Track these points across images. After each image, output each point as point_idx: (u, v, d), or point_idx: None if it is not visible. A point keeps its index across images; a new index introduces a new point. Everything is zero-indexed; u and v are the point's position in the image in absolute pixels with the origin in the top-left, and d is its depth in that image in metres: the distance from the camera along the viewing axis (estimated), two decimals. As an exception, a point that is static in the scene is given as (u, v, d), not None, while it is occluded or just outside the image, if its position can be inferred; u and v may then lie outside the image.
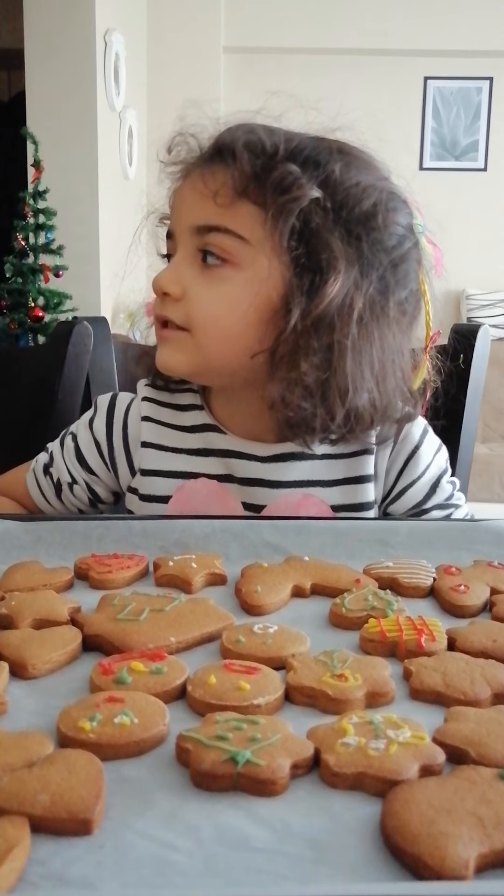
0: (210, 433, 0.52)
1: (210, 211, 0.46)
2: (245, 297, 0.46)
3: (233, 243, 0.45)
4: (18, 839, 0.19)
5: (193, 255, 0.47)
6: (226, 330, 0.47)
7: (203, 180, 0.46)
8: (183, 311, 0.47)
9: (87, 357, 0.73)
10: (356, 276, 0.45)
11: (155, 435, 0.53)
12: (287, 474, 0.51)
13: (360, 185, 0.46)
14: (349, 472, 0.51)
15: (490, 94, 2.82)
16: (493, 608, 0.35)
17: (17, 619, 0.32)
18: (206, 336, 0.47)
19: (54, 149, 2.01)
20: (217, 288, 0.46)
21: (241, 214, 0.45)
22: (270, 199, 0.45)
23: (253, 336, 0.46)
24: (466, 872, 0.19)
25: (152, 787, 0.22)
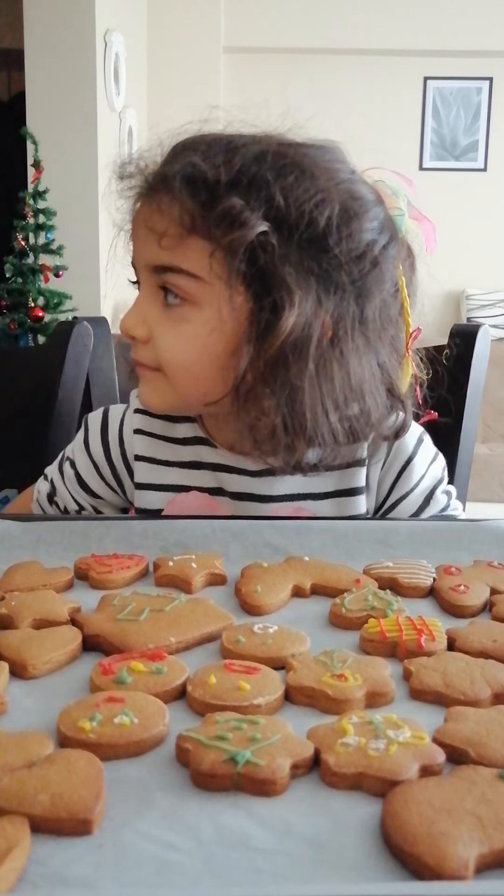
0: (202, 446, 0.52)
1: (160, 251, 0.44)
2: (209, 337, 0.44)
3: (188, 283, 0.44)
4: (18, 839, 0.19)
5: (155, 293, 0.46)
6: (194, 371, 0.45)
7: (150, 216, 0.44)
8: (152, 354, 0.46)
9: (87, 357, 0.73)
10: (314, 303, 0.42)
11: (148, 448, 0.53)
12: (277, 488, 0.50)
13: (313, 200, 0.42)
14: (340, 484, 0.51)
15: (490, 94, 2.82)
16: (493, 608, 0.35)
17: (17, 619, 0.32)
18: (177, 378, 0.46)
19: (54, 149, 2.01)
20: (180, 330, 0.45)
21: (192, 250, 0.43)
22: (218, 235, 0.42)
23: (221, 375, 0.45)
24: (466, 872, 0.19)
25: (152, 787, 0.22)
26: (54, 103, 2.08)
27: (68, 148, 2.07)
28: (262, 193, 0.42)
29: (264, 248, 0.42)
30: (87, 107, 2.10)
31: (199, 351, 0.45)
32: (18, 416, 0.74)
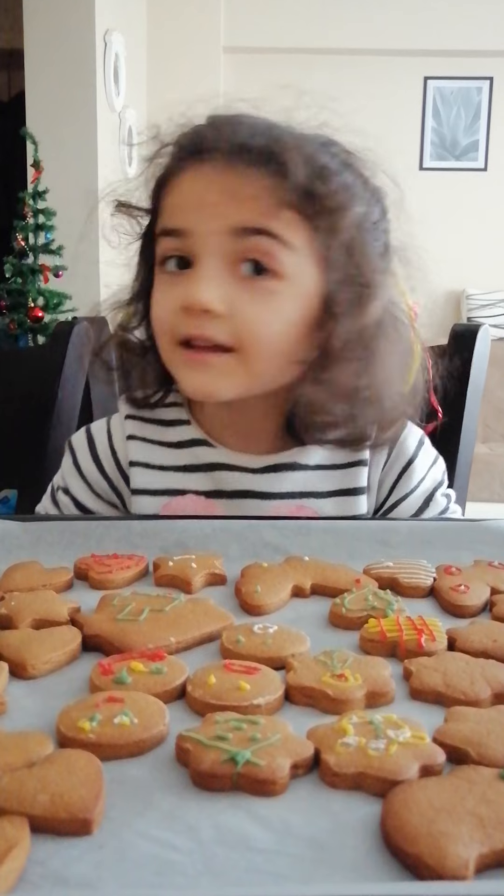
0: (198, 448, 0.51)
1: (251, 213, 0.42)
2: (295, 310, 0.44)
3: (280, 250, 0.42)
4: (18, 839, 0.19)
5: (230, 263, 0.43)
6: (278, 347, 0.44)
7: (235, 180, 0.42)
8: (229, 330, 0.43)
9: (87, 357, 0.73)
10: (390, 287, 0.46)
11: (142, 453, 0.51)
12: (279, 486, 0.50)
13: (382, 193, 0.46)
14: (343, 483, 0.50)
15: (490, 93, 2.82)
16: (494, 608, 0.35)
17: (17, 620, 0.32)
18: (259, 355, 0.43)
19: (54, 149, 2.01)
20: (267, 303, 0.43)
21: (284, 220, 0.43)
22: (320, 213, 0.43)
23: (298, 349, 0.45)
24: (466, 872, 0.19)
25: (152, 787, 0.22)
26: (54, 103, 2.08)
27: (68, 148, 2.07)
28: (361, 179, 0.46)
29: (358, 229, 0.44)
30: (87, 107, 2.10)
31: (286, 326, 0.44)
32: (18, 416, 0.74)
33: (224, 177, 0.43)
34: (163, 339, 0.46)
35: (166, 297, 0.45)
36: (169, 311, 0.45)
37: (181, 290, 0.44)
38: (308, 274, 0.44)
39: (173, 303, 0.44)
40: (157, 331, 0.46)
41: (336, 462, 0.51)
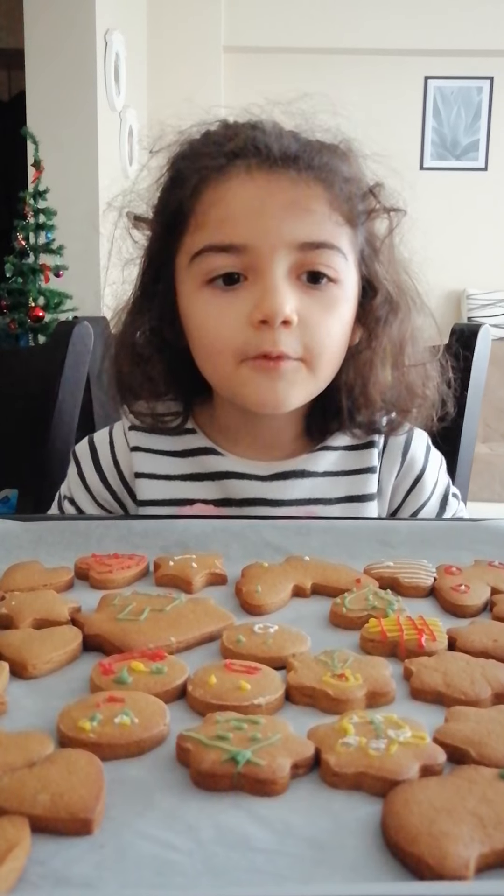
0: (206, 456, 0.51)
1: (314, 228, 0.43)
2: (349, 313, 0.46)
3: (340, 261, 0.44)
4: (18, 839, 0.19)
5: (292, 275, 0.43)
6: (339, 351, 0.46)
7: (292, 192, 0.43)
8: (299, 342, 0.44)
9: (87, 357, 0.73)
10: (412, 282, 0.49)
11: (147, 464, 0.51)
12: (289, 493, 0.50)
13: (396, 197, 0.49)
14: (352, 490, 0.51)
15: (490, 93, 2.82)
16: (494, 608, 0.35)
17: (18, 619, 0.32)
18: (325, 362, 0.45)
19: (55, 149, 2.01)
20: (330, 310, 0.44)
21: (335, 229, 0.44)
22: (358, 218, 0.46)
23: (346, 346, 0.48)
24: (467, 872, 0.19)
25: (152, 787, 0.22)
26: (55, 103, 2.08)
27: (68, 148, 2.07)
28: (376, 183, 0.48)
29: (388, 231, 0.48)
30: (88, 107, 2.10)
31: (345, 329, 0.46)
32: (19, 416, 0.74)
33: (281, 186, 0.43)
34: (222, 356, 0.45)
35: (225, 313, 0.44)
36: (233, 327, 0.44)
37: (245, 304, 0.44)
38: (353, 276, 0.46)
39: (236, 318, 0.44)
40: (214, 349, 0.45)
41: (345, 468, 0.51)
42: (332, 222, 0.44)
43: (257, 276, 0.44)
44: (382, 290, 0.48)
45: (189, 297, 0.47)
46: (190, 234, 0.46)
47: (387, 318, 0.49)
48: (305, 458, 0.51)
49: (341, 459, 0.51)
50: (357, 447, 0.52)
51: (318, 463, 0.51)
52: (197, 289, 0.46)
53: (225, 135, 0.46)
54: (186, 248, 0.46)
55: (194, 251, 0.45)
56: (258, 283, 0.44)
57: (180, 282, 0.48)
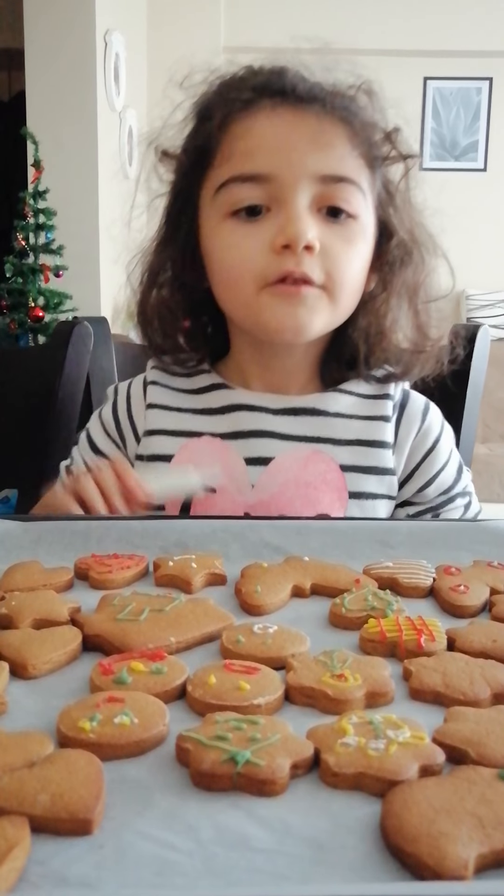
0: (218, 391, 0.52)
1: (336, 162, 0.45)
2: (367, 250, 0.47)
3: (359, 197, 0.46)
4: (18, 839, 0.19)
5: (314, 207, 0.45)
6: (358, 284, 0.48)
7: (317, 126, 0.44)
8: (321, 268, 0.45)
9: (87, 357, 0.73)
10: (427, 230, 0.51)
11: (161, 397, 0.53)
12: (297, 428, 0.50)
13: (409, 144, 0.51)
14: (363, 434, 0.51)
15: (490, 94, 2.83)
16: (493, 608, 0.35)
17: (17, 619, 0.32)
18: (344, 292, 0.46)
19: (54, 149, 2.01)
20: (350, 243, 0.46)
21: (356, 166, 0.46)
22: (378, 159, 0.46)
23: (363, 286, 0.49)
24: (466, 873, 0.19)
25: (152, 787, 0.22)
26: (54, 103, 2.08)
27: (68, 148, 2.07)
28: (393, 128, 0.49)
29: (404, 175, 0.49)
30: (88, 107, 2.10)
31: (363, 264, 0.48)
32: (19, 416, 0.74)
33: (306, 122, 0.45)
34: (243, 283, 0.46)
35: (247, 241, 0.46)
36: (255, 253, 0.45)
37: (267, 232, 0.45)
38: (370, 217, 0.47)
39: (259, 245, 0.45)
40: (234, 277, 0.47)
41: (357, 413, 0.52)
42: (353, 159, 0.46)
43: (280, 206, 0.45)
44: (397, 235, 0.49)
45: (212, 231, 0.48)
46: (215, 167, 0.48)
47: (401, 261, 0.50)
48: (318, 397, 0.52)
49: (355, 405, 0.52)
50: (373, 396, 0.53)
51: (330, 403, 0.51)
52: (220, 221, 0.47)
53: (252, 74, 0.48)
54: (212, 180, 0.48)
55: (219, 183, 0.47)
56: (281, 213, 0.45)
57: (204, 217, 0.49)
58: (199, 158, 0.48)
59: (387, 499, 0.52)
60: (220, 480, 0.49)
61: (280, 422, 0.51)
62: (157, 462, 0.51)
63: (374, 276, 0.50)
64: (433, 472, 0.53)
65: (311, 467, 0.49)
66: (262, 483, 0.50)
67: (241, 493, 0.50)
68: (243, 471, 0.50)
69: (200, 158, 0.48)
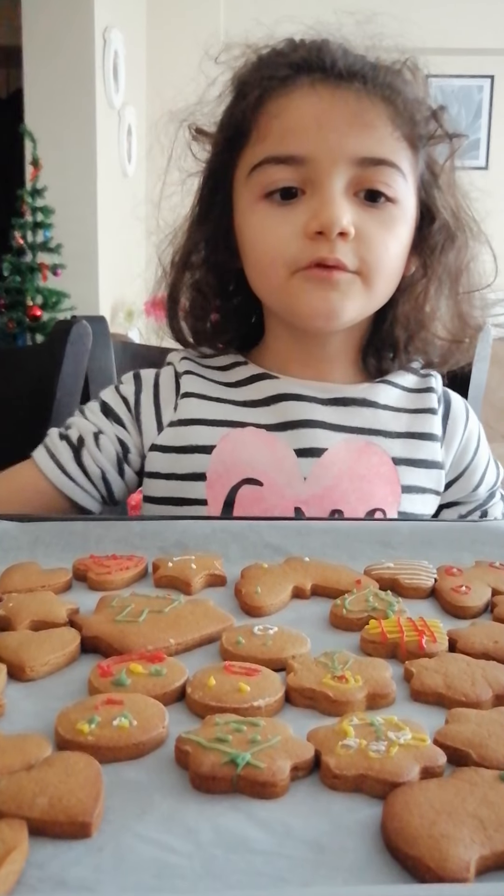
0: (261, 382, 0.50)
1: (376, 143, 0.43)
2: (406, 234, 0.46)
3: (399, 180, 0.44)
4: (16, 842, 0.19)
5: (349, 191, 0.43)
6: (395, 269, 0.46)
7: (356, 105, 0.42)
8: (355, 254, 0.43)
9: (85, 356, 0.73)
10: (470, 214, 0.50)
11: (198, 386, 0.51)
12: (348, 419, 0.49)
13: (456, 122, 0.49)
14: (413, 426, 0.50)
15: (491, 92, 2.82)
16: (495, 609, 0.35)
17: (15, 621, 0.32)
18: (380, 277, 0.45)
19: (53, 147, 2.00)
20: (388, 228, 0.44)
21: (398, 149, 0.44)
22: (421, 140, 0.45)
23: (402, 271, 0.47)
24: (467, 875, 0.19)
25: (151, 789, 0.22)
26: (53, 101, 2.08)
27: (67, 146, 2.07)
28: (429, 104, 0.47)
29: (449, 156, 0.47)
30: (86, 104, 2.09)
31: (401, 249, 0.46)
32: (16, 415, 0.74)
33: (345, 100, 0.43)
34: (275, 267, 0.45)
35: (280, 225, 0.44)
36: (288, 237, 0.44)
37: (301, 216, 0.43)
38: (412, 199, 0.46)
39: (292, 230, 0.44)
40: (267, 261, 0.45)
41: (405, 406, 0.51)
42: (394, 140, 0.44)
43: (315, 189, 0.43)
44: (440, 217, 0.47)
45: (245, 212, 0.47)
46: (251, 146, 0.46)
47: (443, 246, 0.48)
48: (367, 387, 0.50)
49: (402, 397, 0.51)
50: (417, 390, 0.52)
51: (379, 395, 0.50)
52: (254, 202, 0.46)
53: (291, 49, 0.47)
54: (246, 160, 0.46)
55: (254, 163, 0.45)
56: (315, 196, 0.43)
57: (238, 197, 0.48)
58: (234, 137, 0.47)
59: (433, 494, 0.50)
60: (269, 474, 0.46)
61: (329, 412, 0.49)
62: (196, 453, 0.48)
63: (415, 259, 0.49)
64: (482, 470, 0.53)
65: (364, 459, 0.48)
66: (314, 475, 0.47)
67: (292, 487, 0.47)
68: (294, 463, 0.47)
69: (236, 137, 0.47)
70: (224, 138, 0.48)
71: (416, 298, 0.49)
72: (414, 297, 0.49)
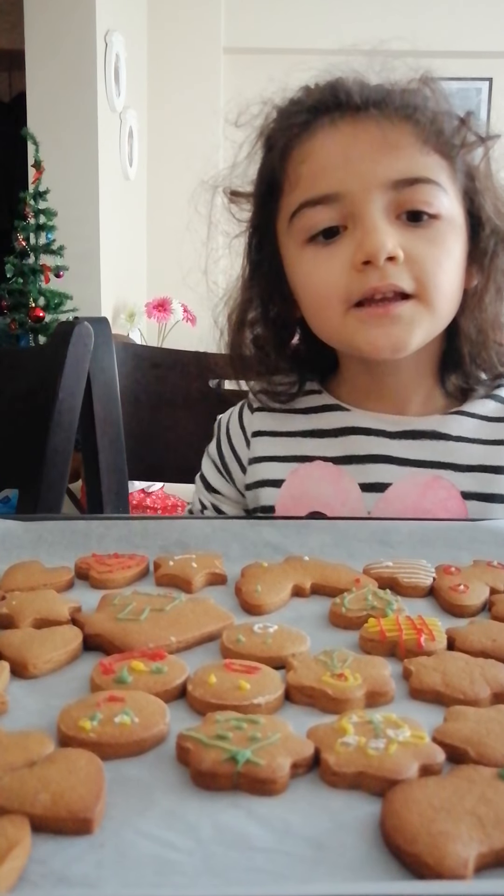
0: (330, 413, 0.50)
1: (406, 162, 0.43)
2: (458, 248, 0.45)
3: (438, 194, 0.43)
4: (19, 838, 0.19)
5: (391, 214, 0.43)
6: (453, 286, 0.45)
7: (378, 131, 0.42)
8: (410, 276, 0.43)
9: (87, 357, 0.73)
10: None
11: (267, 423, 0.51)
12: (417, 452, 0.48)
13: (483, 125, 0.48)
14: (487, 459, 0.48)
15: (489, 94, 2.83)
16: (493, 608, 0.35)
17: (18, 619, 0.32)
18: (439, 297, 0.44)
19: (55, 149, 2.01)
20: (438, 245, 0.43)
21: (431, 164, 0.44)
22: (454, 149, 0.44)
23: (461, 285, 0.46)
24: (466, 872, 0.19)
25: (152, 786, 0.22)
26: (55, 104, 2.08)
27: (69, 148, 2.07)
28: (455, 112, 0.46)
29: (486, 161, 0.46)
30: (88, 107, 2.10)
31: (455, 265, 0.45)
32: (18, 416, 0.74)
33: (367, 129, 0.43)
34: (330, 306, 0.45)
35: (328, 264, 0.44)
36: (337, 275, 0.44)
37: (346, 251, 0.43)
38: (457, 211, 0.45)
39: (340, 266, 0.43)
40: (321, 301, 0.45)
41: (481, 437, 0.49)
42: (424, 156, 0.43)
43: (356, 221, 0.43)
44: (490, 223, 0.46)
45: (293, 260, 0.47)
46: (286, 195, 0.46)
47: (495, 251, 0.46)
48: (440, 419, 0.49)
49: (479, 428, 0.49)
50: (496, 419, 0.50)
51: (453, 426, 0.49)
52: (299, 249, 0.46)
53: (306, 94, 0.47)
54: (284, 210, 0.47)
55: (292, 211, 0.45)
56: (357, 229, 0.43)
57: (284, 247, 0.48)
58: (269, 190, 0.48)
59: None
60: (333, 508, 0.47)
61: (398, 446, 0.48)
62: (268, 487, 0.49)
63: (475, 272, 0.47)
64: None
65: (430, 494, 0.47)
66: (378, 511, 0.47)
67: None
68: (358, 497, 0.48)
69: (270, 190, 0.47)
70: (260, 194, 0.49)
71: (473, 310, 0.48)
72: (475, 309, 0.48)
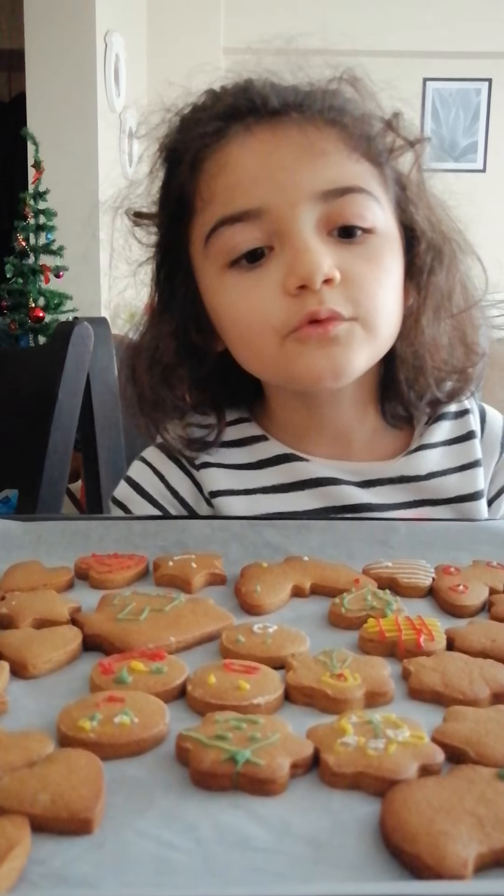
0: (290, 464, 0.44)
1: (335, 170, 0.37)
2: (395, 264, 0.40)
3: (372, 205, 0.38)
4: (18, 838, 0.19)
5: (322, 230, 0.37)
6: (395, 307, 0.40)
7: (302, 138, 0.37)
8: (347, 299, 0.38)
9: (87, 357, 0.73)
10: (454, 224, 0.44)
11: (223, 480, 0.44)
12: (390, 496, 0.45)
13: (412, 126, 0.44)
14: (461, 488, 0.46)
15: (489, 95, 2.83)
16: (492, 608, 0.35)
17: (18, 619, 0.32)
18: (380, 320, 0.39)
19: (55, 150, 2.01)
20: (374, 262, 0.38)
21: (361, 171, 0.38)
22: (383, 155, 0.40)
23: (402, 306, 0.41)
24: (465, 872, 0.19)
25: (152, 786, 0.22)
26: (55, 104, 2.09)
27: (69, 149, 2.08)
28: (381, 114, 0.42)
29: (417, 168, 0.42)
30: (88, 108, 2.10)
31: (394, 282, 0.40)
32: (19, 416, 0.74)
33: (287, 135, 0.37)
34: (262, 337, 0.39)
35: (256, 290, 0.38)
36: (268, 303, 0.38)
37: (275, 275, 0.37)
38: (392, 224, 0.40)
39: (270, 292, 0.38)
40: (251, 333, 0.39)
41: (450, 466, 0.46)
42: (353, 163, 0.38)
43: (283, 240, 0.38)
44: (425, 236, 0.42)
45: (213, 287, 0.41)
46: (198, 214, 0.40)
47: (432, 266, 0.42)
48: (402, 464, 0.45)
49: (444, 456, 0.46)
50: (457, 440, 0.46)
51: (419, 465, 0.45)
52: (219, 275, 0.40)
53: (214, 100, 0.41)
54: (198, 231, 0.40)
55: (207, 231, 0.39)
56: (286, 249, 0.37)
57: (200, 273, 0.42)
58: (177, 210, 0.41)
59: None
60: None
61: (370, 494, 0.44)
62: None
63: (412, 289, 0.43)
64: None
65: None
66: None
67: None
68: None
69: (179, 209, 0.41)
70: (167, 215, 0.42)
71: (413, 330, 0.43)
72: (409, 330, 0.43)
